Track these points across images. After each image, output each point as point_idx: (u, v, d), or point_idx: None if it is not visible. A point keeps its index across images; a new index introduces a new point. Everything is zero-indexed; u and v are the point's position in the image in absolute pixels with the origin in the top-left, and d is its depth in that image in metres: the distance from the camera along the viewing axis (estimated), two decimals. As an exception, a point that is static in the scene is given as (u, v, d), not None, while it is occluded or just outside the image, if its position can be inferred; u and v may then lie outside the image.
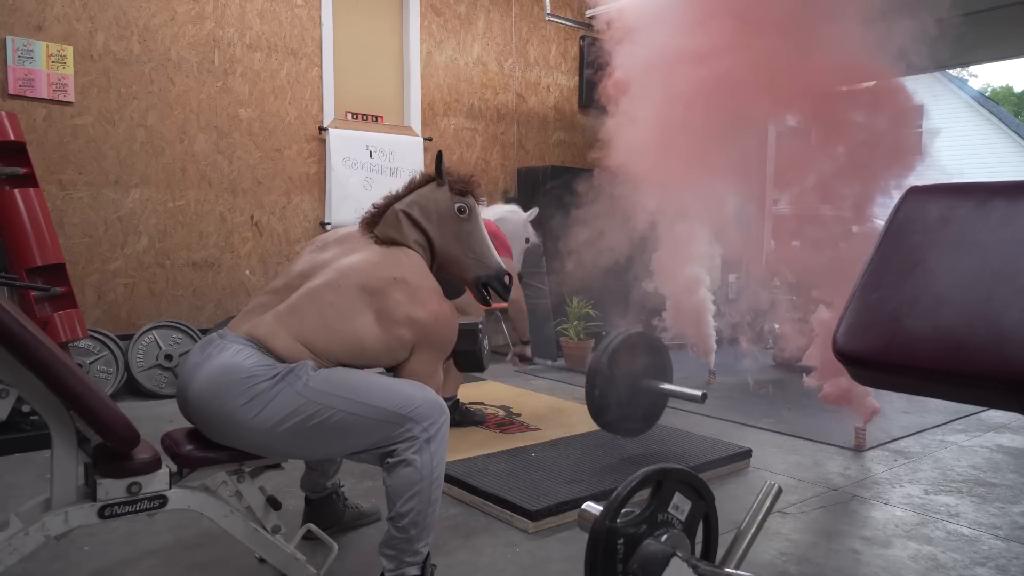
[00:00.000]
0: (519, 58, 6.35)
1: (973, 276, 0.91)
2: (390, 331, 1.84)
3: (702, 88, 3.39)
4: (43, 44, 4.17)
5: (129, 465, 1.65)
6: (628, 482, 1.58)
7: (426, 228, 2.02)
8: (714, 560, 1.71)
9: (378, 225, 2.01)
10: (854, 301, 1.00)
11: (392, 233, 1.99)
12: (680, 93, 3.48)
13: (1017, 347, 0.82)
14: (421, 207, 2.03)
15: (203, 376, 1.73)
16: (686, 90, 3.44)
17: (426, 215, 2.03)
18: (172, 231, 4.66)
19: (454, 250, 2.05)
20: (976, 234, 0.94)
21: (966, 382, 0.87)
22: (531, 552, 2.29)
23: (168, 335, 4.47)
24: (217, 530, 1.81)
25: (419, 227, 2.02)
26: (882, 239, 1.03)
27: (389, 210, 2.02)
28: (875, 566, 2.23)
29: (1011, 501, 2.78)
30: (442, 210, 2.04)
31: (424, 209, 2.03)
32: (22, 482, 2.85)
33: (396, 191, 2.09)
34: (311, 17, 5.16)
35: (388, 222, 2.01)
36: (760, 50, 3.21)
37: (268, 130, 5.01)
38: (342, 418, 1.74)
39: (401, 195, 2.06)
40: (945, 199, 1.01)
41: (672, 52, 3.51)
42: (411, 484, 1.77)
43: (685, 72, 3.43)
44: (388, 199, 2.06)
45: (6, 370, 1.54)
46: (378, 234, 1.99)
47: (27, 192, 3.39)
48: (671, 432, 3.46)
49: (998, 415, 4.00)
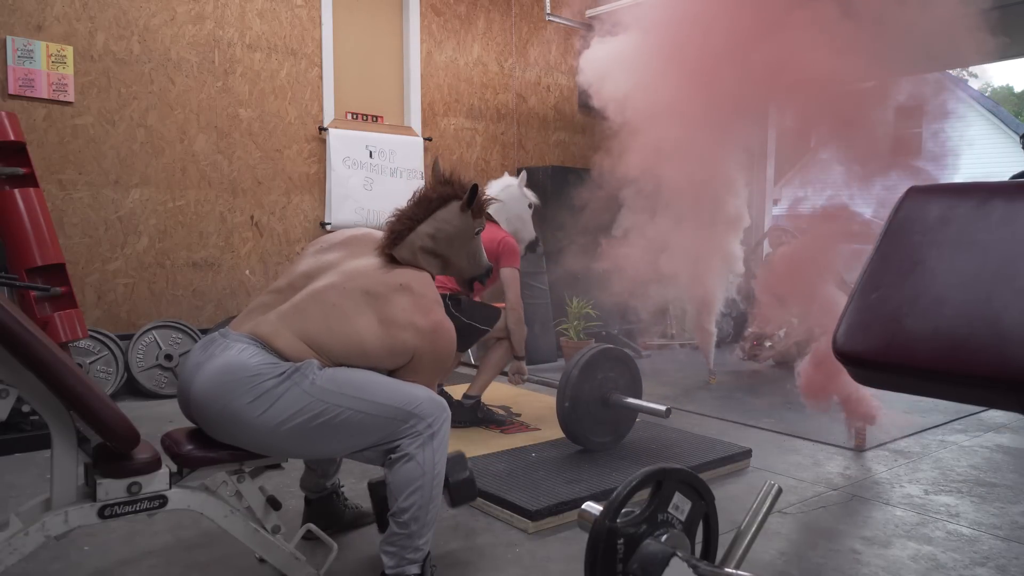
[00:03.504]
0: (519, 58, 6.35)
1: (973, 276, 0.91)
2: (392, 335, 1.85)
3: (713, 78, 3.41)
4: (43, 44, 4.17)
5: (129, 465, 1.65)
6: (628, 482, 1.58)
7: (446, 255, 2.08)
8: (714, 560, 1.71)
9: (397, 248, 2.00)
10: (854, 301, 1.00)
11: (409, 259, 2.01)
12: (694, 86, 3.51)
13: (1017, 347, 0.82)
14: (447, 236, 2.06)
15: (207, 375, 1.73)
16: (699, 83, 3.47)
17: (450, 243, 2.07)
18: (172, 231, 4.66)
19: (461, 262, 2.14)
20: (976, 234, 0.94)
21: (966, 382, 0.87)
22: (531, 552, 2.29)
23: (168, 335, 4.47)
24: (217, 530, 1.81)
25: (439, 256, 2.07)
26: (882, 239, 1.03)
27: (411, 236, 2.01)
28: (875, 566, 2.23)
29: (1011, 501, 2.78)
30: (464, 235, 2.10)
31: (450, 237, 2.07)
32: (22, 482, 2.85)
33: (412, 211, 2.05)
34: (311, 17, 5.16)
35: (410, 251, 2.01)
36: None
37: (268, 130, 5.01)
38: (348, 416, 1.75)
39: (420, 216, 2.04)
40: (945, 199, 1.01)
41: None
42: (413, 480, 1.79)
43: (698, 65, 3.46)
44: (405, 221, 2.03)
45: (6, 370, 1.54)
46: (398, 259, 1.99)
47: (27, 192, 3.39)
48: (671, 432, 3.46)
49: (998, 415, 4.00)
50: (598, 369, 3.10)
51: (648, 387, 4.77)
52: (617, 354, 3.20)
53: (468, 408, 3.54)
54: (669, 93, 3.86)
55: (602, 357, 3.12)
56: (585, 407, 3.05)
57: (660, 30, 4.00)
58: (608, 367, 3.13)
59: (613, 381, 3.14)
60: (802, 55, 3.24)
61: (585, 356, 3.09)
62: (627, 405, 3.14)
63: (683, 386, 4.87)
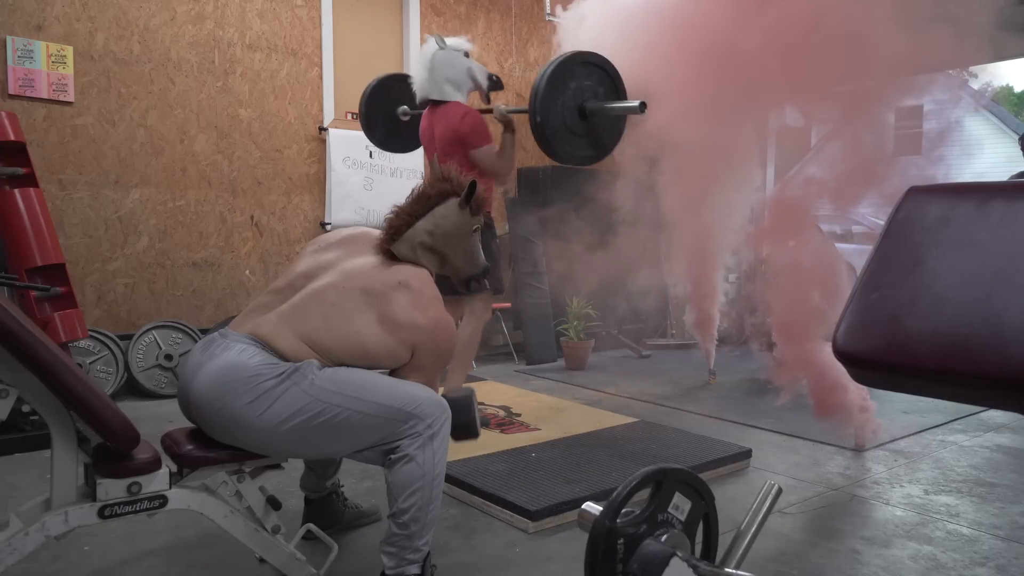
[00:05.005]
0: (519, 58, 6.34)
1: (973, 276, 0.91)
2: (392, 333, 1.85)
3: (726, 71, 3.41)
4: (43, 44, 4.17)
5: (129, 465, 1.65)
6: (628, 482, 1.58)
7: (444, 251, 2.08)
8: (714, 560, 1.71)
9: (396, 243, 2.01)
10: (854, 301, 1.00)
11: (408, 255, 2.01)
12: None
13: (1017, 347, 0.82)
14: (446, 233, 2.06)
15: (206, 375, 1.73)
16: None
17: (448, 239, 2.07)
18: (172, 231, 4.66)
19: (458, 260, 2.13)
20: (976, 234, 0.94)
21: (966, 382, 0.87)
22: (531, 552, 2.29)
23: (168, 335, 4.47)
24: (217, 530, 1.81)
25: (438, 252, 2.07)
26: (882, 239, 1.03)
27: (410, 232, 2.02)
28: (875, 566, 2.23)
29: (1011, 501, 2.78)
30: (463, 233, 2.10)
31: (447, 234, 2.06)
32: (22, 482, 2.85)
33: (410, 207, 2.06)
34: (311, 17, 5.16)
35: (409, 246, 2.01)
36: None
37: (268, 130, 5.01)
38: (348, 416, 1.75)
39: (418, 212, 2.05)
40: (945, 199, 1.01)
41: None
42: (413, 480, 1.79)
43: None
44: (404, 217, 2.04)
45: (6, 370, 1.54)
46: (397, 254, 2.00)
47: (27, 192, 3.39)
48: (671, 432, 3.46)
49: (998, 415, 4.00)
50: (570, 78, 2.85)
51: (648, 387, 4.81)
52: (590, 58, 2.93)
53: None
54: (667, 82, 3.84)
55: (573, 64, 2.86)
56: (560, 120, 2.82)
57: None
58: (583, 75, 2.88)
59: (591, 90, 2.90)
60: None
61: (552, 65, 2.83)
62: (602, 110, 2.93)
63: (683, 386, 4.87)
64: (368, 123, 3.98)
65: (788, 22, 3.18)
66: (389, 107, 3.98)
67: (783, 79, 3.32)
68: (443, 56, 3.38)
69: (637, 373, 5.35)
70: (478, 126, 3.23)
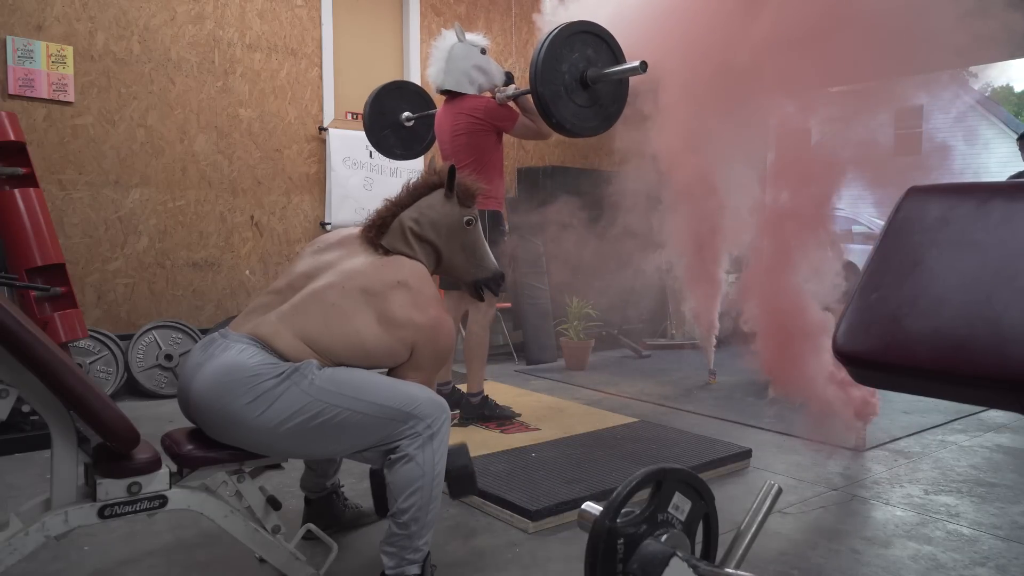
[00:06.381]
0: (519, 58, 6.34)
1: (973, 276, 0.91)
2: (391, 333, 1.85)
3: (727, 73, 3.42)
4: (43, 44, 4.17)
5: (129, 465, 1.65)
6: (628, 482, 1.58)
7: (435, 242, 2.06)
8: (714, 560, 1.71)
9: (384, 235, 2.01)
10: (854, 301, 1.00)
11: (401, 247, 2.01)
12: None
13: (1017, 347, 0.82)
14: (431, 221, 2.05)
15: (206, 375, 1.73)
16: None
17: (436, 229, 2.06)
18: (172, 231, 4.66)
19: (459, 259, 2.12)
20: (976, 234, 0.94)
21: (966, 382, 0.87)
22: (531, 552, 2.29)
23: (168, 335, 4.47)
24: (217, 530, 1.81)
25: (428, 241, 2.06)
26: (882, 239, 1.03)
27: (396, 221, 2.03)
28: (875, 566, 2.23)
29: (1011, 501, 2.78)
30: (452, 224, 2.08)
31: (434, 223, 2.05)
32: (22, 482, 2.85)
33: (398, 197, 2.08)
34: (311, 17, 5.16)
35: (396, 235, 2.02)
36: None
37: (268, 130, 5.01)
38: (347, 416, 1.75)
39: (405, 202, 2.06)
40: (945, 199, 1.01)
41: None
42: (412, 480, 1.79)
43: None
44: (391, 207, 2.05)
45: (6, 370, 1.54)
46: (386, 245, 2.00)
47: (27, 192, 3.39)
48: (671, 432, 3.46)
49: (998, 415, 4.00)
50: (567, 49, 2.83)
51: (648, 387, 4.81)
52: (586, 27, 2.91)
53: (475, 405, 3.54)
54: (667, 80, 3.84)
55: (569, 34, 2.83)
56: (563, 93, 2.81)
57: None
58: (581, 44, 2.86)
59: (591, 59, 2.88)
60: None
61: (549, 38, 2.80)
62: (604, 76, 2.92)
63: (683, 386, 4.87)
64: (381, 145, 4.10)
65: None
66: (394, 115, 4.09)
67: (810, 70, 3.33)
68: (461, 49, 3.46)
69: (637, 373, 5.35)
70: (502, 108, 3.34)
